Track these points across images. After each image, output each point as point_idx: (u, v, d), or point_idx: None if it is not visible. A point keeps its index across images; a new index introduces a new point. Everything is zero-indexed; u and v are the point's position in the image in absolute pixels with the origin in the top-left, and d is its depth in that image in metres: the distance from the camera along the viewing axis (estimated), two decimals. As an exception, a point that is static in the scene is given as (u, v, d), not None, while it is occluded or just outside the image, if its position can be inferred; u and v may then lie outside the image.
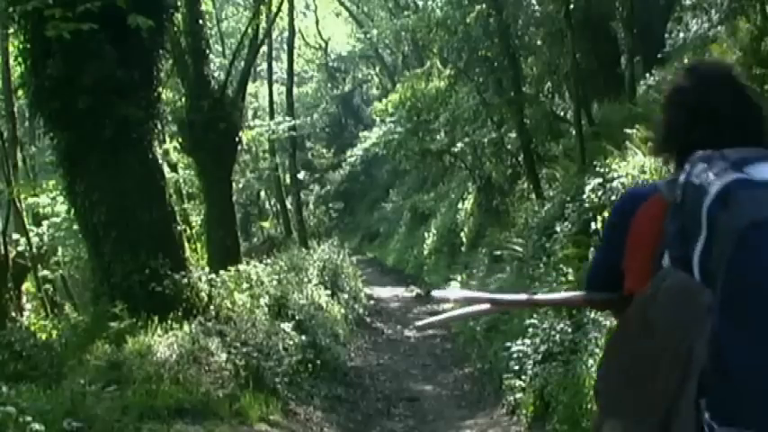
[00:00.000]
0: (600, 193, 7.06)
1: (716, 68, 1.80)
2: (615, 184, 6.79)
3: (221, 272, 8.18)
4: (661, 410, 1.41)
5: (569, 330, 6.03)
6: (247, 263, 9.88)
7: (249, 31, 13.67)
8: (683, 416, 1.35)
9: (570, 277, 6.84)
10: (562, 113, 12.96)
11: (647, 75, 11.35)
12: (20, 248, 10.05)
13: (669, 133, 1.70)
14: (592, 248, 6.72)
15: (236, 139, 12.03)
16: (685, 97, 1.68)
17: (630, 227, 1.66)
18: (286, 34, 22.42)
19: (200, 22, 11.73)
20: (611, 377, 1.59)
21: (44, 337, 6.94)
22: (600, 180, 7.15)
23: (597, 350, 5.10)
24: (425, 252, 18.65)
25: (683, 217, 1.44)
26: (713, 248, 1.34)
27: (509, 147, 13.43)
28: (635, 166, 6.79)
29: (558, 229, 7.94)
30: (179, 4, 8.91)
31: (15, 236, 10.22)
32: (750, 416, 1.27)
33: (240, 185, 19.51)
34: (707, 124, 1.59)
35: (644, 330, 1.47)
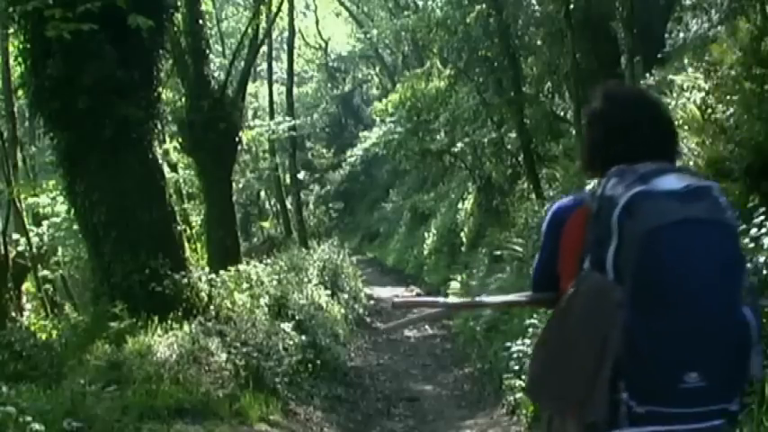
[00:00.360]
0: (600, 193, 7.05)
1: (629, 92, 2.11)
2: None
3: (221, 272, 8.18)
4: (580, 391, 1.63)
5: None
6: (247, 263, 9.89)
7: (249, 31, 13.68)
8: (598, 394, 1.59)
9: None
10: (562, 113, 12.96)
11: (647, 75, 11.34)
12: (20, 248, 10.05)
13: (591, 151, 1.91)
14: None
15: (236, 139, 12.04)
16: (602, 118, 1.91)
17: (562, 235, 1.86)
18: (286, 34, 22.43)
19: (201, 22, 11.73)
20: (540, 365, 1.84)
21: (44, 337, 6.94)
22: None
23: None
24: (425, 252, 18.65)
25: (599, 225, 1.65)
26: (622, 252, 1.59)
27: (509, 147, 13.43)
28: (635, 166, 6.79)
29: (558, 229, 7.93)
30: (179, 4, 8.91)
31: (15, 236, 10.22)
32: (660, 394, 1.57)
33: (240, 185, 19.52)
34: (622, 142, 1.79)
35: (566, 323, 1.71)
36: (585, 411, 1.65)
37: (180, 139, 12.51)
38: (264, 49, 18.36)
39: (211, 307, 7.38)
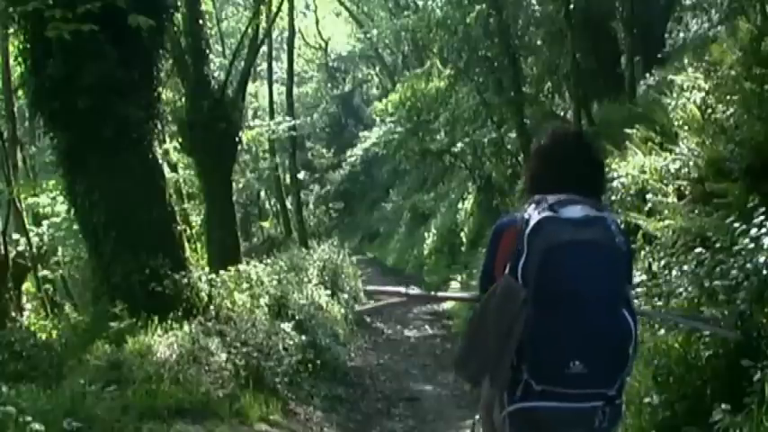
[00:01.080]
0: (600, 193, 7.05)
1: (569, 134, 2.52)
2: (615, 184, 6.78)
3: (221, 272, 8.18)
4: (489, 369, 2.12)
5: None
6: (247, 263, 9.88)
7: (249, 31, 13.67)
8: (501, 372, 2.09)
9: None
10: (562, 113, 12.96)
11: (647, 75, 11.35)
12: (20, 248, 10.05)
13: (531, 180, 2.33)
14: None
15: (236, 139, 12.03)
16: (544, 153, 2.33)
17: (499, 246, 2.30)
18: (286, 34, 22.43)
19: (201, 22, 11.72)
20: (463, 348, 2.30)
21: (44, 337, 6.94)
22: (600, 180, 7.14)
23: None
24: (425, 252, 18.66)
25: (518, 241, 2.10)
26: (528, 263, 2.04)
27: (509, 147, 13.43)
28: (635, 166, 6.78)
29: (558, 229, 7.93)
30: (179, 4, 8.90)
31: (15, 236, 10.22)
32: (552, 376, 2.02)
33: (240, 185, 19.52)
34: (556, 174, 2.21)
35: (485, 316, 2.17)
36: (492, 385, 2.19)
37: (180, 139, 12.50)
38: (264, 49, 18.36)
39: (211, 307, 7.37)
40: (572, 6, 9.81)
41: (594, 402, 2.08)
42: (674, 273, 4.85)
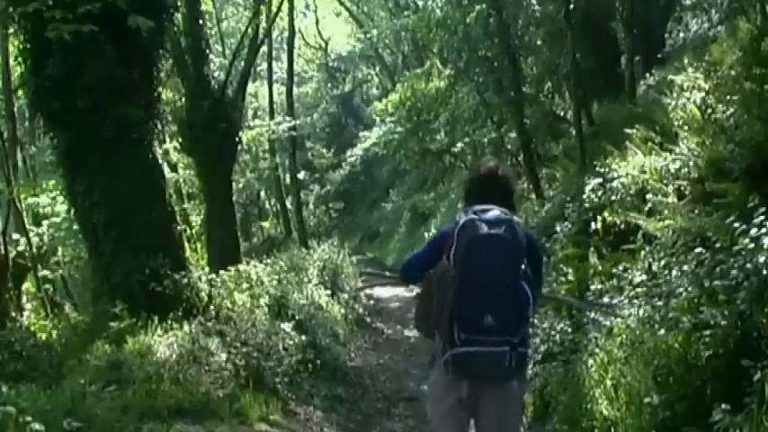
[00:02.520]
0: (600, 193, 7.06)
1: (492, 166, 3.35)
2: (615, 184, 6.78)
3: (221, 272, 8.17)
4: (436, 329, 3.03)
5: (569, 330, 6.04)
6: (247, 263, 9.88)
7: (249, 31, 13.67)
8: (443, 328, 2.97)
9: (570, 277, 6.84)
10: (562, 113, 12.96)
11: (647, 75, 11.34)
12: (20, 248, 10.05)
13: (466, 197, 3.32)
14: (591, 248, 6.73)
15: (236, 139, 12.03)
16: (475, 179, 3.34)
17: (444, 241, 3.10)
18: (286, 34, 22.43)
19: (201, 22, 11.72)
20: (418, 312, 3.28)
21: (44, 337, 6.94)
22: (600, 180, 7.15)
23: (597, 350, 5.10)
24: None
25: (451, 237, 2.99)
26: (457, 250, 2.92)
27: (509, 147, 13.42)
28: (635, 166, 6.78)
29: (558, 229, 7.93)
30: (179, 4, 8.90)
31: (15, 236, 10.22)
32: (473, 328, 2.88)
33: (240, 185, 19.53)
34: (482, 192, 3.19)
35: (429, 289, 3.09)
36: (438, 337, 3.07)
37: (180, 139, 12.50)
38: (264, 49, 18.36)
39: (211, 307, 7.37)
40: (572, 6, 9.79)
41: (503, 347, 2.93)
42: (674, 273, 4.85)
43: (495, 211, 2.99)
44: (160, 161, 8.11)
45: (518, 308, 2.94)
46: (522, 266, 2.96)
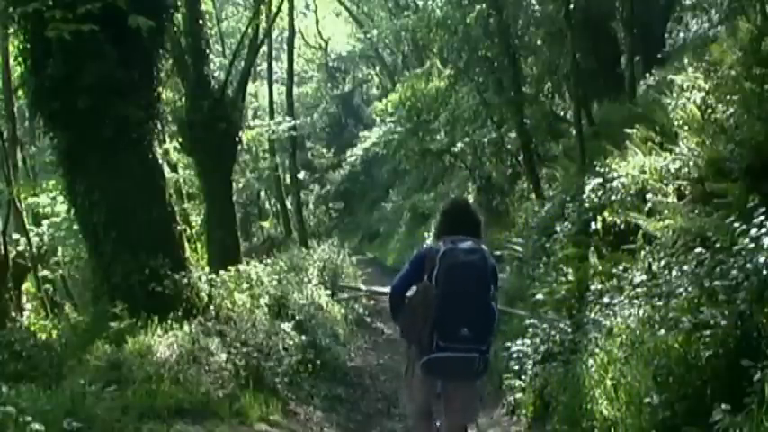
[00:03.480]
0: (600, 193, 7.05)
1: (461, 202, 4.32)
2: (615, 184, 6.78)
3: (221, 272, 8.18)
4: (418, 334, 3.57)
5: (569, 330, 6.03)
6: (247, 263, 9.88)
7: (249, 31, 13.66)
8: (425, 338, 3.53)
9: (570, 277, 6.84)
10: (562, 113, 12.96)
11: (647, 75, 11.34)
12: (20, 248, 10.04)
13: (440, 227, 3.89)
14: (591, 248, 6.72)
15: (236, 139, 12.02)
16: (447, 214, 3.94)
17: (424, 263, 3.67)
18: (286, 34, 22.41)
19: (201, 22, 11.72)
20: (403, 323, 3.75)
21: (44, 337, 6.94)
22: (600, 180, 7.15)
23: (597, 350, 5.10)
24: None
25: (432, 261, 3.57)
26: (439, 273, 3.51)
27: (509, 147, 13.43)
28: (635, 166, 6.78)
29: (558, 229, 7.93)
30: (179, 4, 8.89)
31: (15, 236, 10.22)
32: (451, 337, 3.50)
33: (240, 185, 19.51)
34: (451, 225, 3.78)
35: (414, 303, 3.65)
36: (420, 342, 3.62)
37: (180, 139, 12.50)
38: (264, 49, 18.35)
39: (211, 307, 7.37)
40: (572, 6, 9.79)
41: (474, 353, 3.60)
42: (674, 273, 4.85)
43: (468, 242, 3.65)
44: (160, 161, 8.10)
45: (487, 322, 3.62)
46: (492, 288, 3.64)
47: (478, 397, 3.95)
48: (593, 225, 6.93)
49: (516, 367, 6.41)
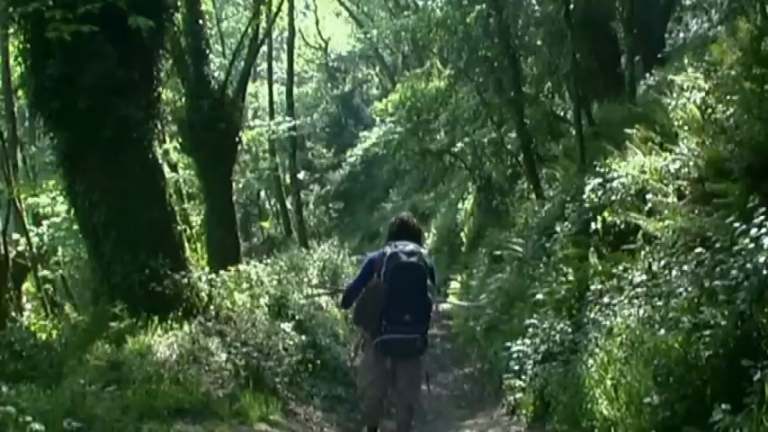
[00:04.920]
0: (600, 193, 7.05)
1: (405, 217, 4.99)
2: (615, 184, 6.78)
3: (221, 272, 8.18)
4: (369, 321, 4.58)
5: (569, 330, 6.04)
6: (247, 263, 9.88)
7: (249, 31, 13.67)
8: (374, 322, 4.55)
9: (570, 277, 6.84)
10: (562, 113, 12.94)
11: (647, 75, 11.33)
12: (20, 248, 10.05)
13: (388, 236, 4.84)
14: (591, 248, 6.72)
15: (236, 139, 12.03)
16: (394, 225, 4.91)
17: (374, 266, 4.62)
18: (286, 34, 22.42)
19: (200, 22, 11.73)
20: (356, 312, 4.73)
21: (44, 337, 6.94)
22: (600, 180, 7.14)
23: (597, 350, 5.10)
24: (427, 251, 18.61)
25: (380, 263, 4.54)
26: (386, 272, 4.49)
27: (509, 147, 13.41)
28: (635, 166, 6.78)
29: (558, 229, 7.93)
30: (179, 4, 8.89)
31: (15, 236, 10.22)
32: (396, 322, 4.47)
33: (240, 185, 19.50)
34: (397, 233, 4.80)
35: (367, 296, 4.58)
36: (370, 328, 4.57)
37: (180, 139, 12.50)
38: (264, 49, 18.36)
39: (211, 307, 7.37)
40: (572, 6, 9.77)
41: (415, 335, 4.49)
42: (674, 273, 4.85)
43: (410, 246, 4.56)
44: (160, 161, 8.10)
45: (424, 310, 4.55)
46: (428, 283, 4.53)
47: (421, 370, 4.78)
48: (593, 225, 6.92)
49: (516, 367, 6.41)
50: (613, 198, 6.76)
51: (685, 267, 4.70)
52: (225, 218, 11.99)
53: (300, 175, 23.33)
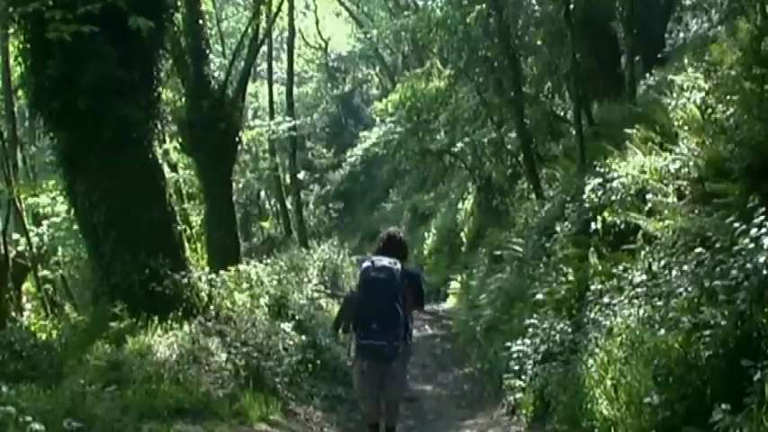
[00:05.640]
0: (600, 193, 7.05)
1: (392, 233, 5.37)
2: (615, 184, 6.78)
3: (221, 272, 8.18)
4: (347, 325, 5.00)
5: (569, 330, 6.03)
6: (247, 263, 9.88)
7: (249, 31, 13.67)
8: (349, 326, 5.00)
9: (570, 277, 6.84)
10: (562, 113, 12.93)
11: (647, 75, 11.33)
12: (20, 248, 10.05)
13: (376, 249, 5.19)
14: (591, 248, 6.72)
15: (236, 139, 12.04)
16: (382, 238, 5.29)
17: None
18: (286, 34, 22.43)
19: (200, 22, 11.73)
20: (340, 320, 5.15)
21: (44, 337, 6.94)
22: (600, 180, 7.14)
23: (597, 350, 5.10)
24: (425, 252, 18.65)
25: (360, 274, 5.00)
26: (361, 282, 4.93)
27: (509, 147, 13.40)
28: (635, 166, 6.78)
29: (558, 229, 7.93)
30: (179, 4, 8.89)
31: (15, 236, 10.22)
32: (366, 330, 4.80)
33: (240, 185, 19.50)
34: (382, 248, 5.14)
35: (346, 303, 5.22)
36: (349, 334, 5.04)
37: (180, 139, 12.51)
38: (264, 49, 18.36)
39: (211, 307, 7.37)
40: (572, 6, 9.77)
41: (383, 342, 4.75)
42: (674, 273, 4.85)
43: (384, 261, 4.86)
44: (160, 161, 8.11)
45: (392, 320, 4.78)
46: (398, 295, 4.80)
47: (400, 371, 5.09)
48: (593, 225, 6.92)
49: (516, 367, 6.41)
50: (613, 198, 6.76)
51: (685, 267, 4.70)
52: (225, 218, 12.00)
53: (300, 175, 23.33)
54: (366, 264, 4.88)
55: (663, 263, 5.18)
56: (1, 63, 10.85)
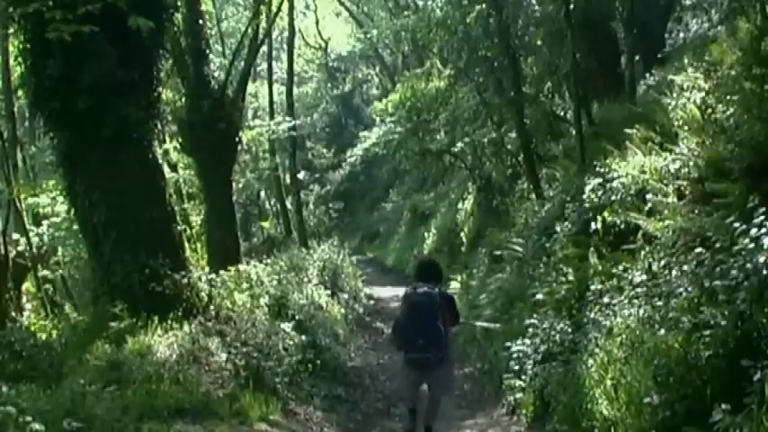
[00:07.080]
0: (600, 193, 7.05)
1: (424, 259, 9.28)
2: (615, 184, 6.78)
3: (221, 272, 8.18)
4: (399, 346, 5.87)
5: (569, 330, 6.04)
6: (247, 263, 9.88)
7: (249, 31, 13.67)
8: (402, 347, 5.77)
9: (570, 277, 6.84)
10: (562, 113, 12.93)
11: (647, 75, 11.33)
12: (20, 248, 10.05)
13: (414, 275, 6.35)
14: (591, 248, 6.73)
15: (236, 139, 12.03)
16: (416, 266, 6.48)
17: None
18: (286, 34, 22.41)
19: (200, 22, 11.72)
20: (391, 340, 6.43)
21: (44, 337, 6.94)
22: (600, 180, 7.14)
23: (597, 350, 5.10)
24: (425, 252, 18.63)
25: (406, 298, 5.78)
26: (403, 308, 5.77)
27: (509, 147, 13.40)
28: (635, 166, 6.78)
29: (558, 229, 7.93)
30: (179, 4, 8.90)
31: (15, 236, 10.22)
32: (411, 344, 5.55)
33: (240, 185, 19.49)
34: (420, 274, 5.96)
35: (395, 327, 5.95)
36: (400, 349, 5.80)
37: (180, 139, 12.50)
38: (264, 49, 18.35)
39: (211, 307, 7.37)
40: (572, 6, 9.77)
41: (428, 355, 5.43)
42: (674, 273, 4.85)
43: (423, 288, 5.61)
44: (160, 161, 8.10)
45: (435, 337, 5.44)
46: (438, 314, 5.48)
47: (445, 378, 5.88)
48: (593, 225, 6.93)
49: (516, 367, 6.41)
50: (613, 198, 6.76)
51: (685, 267, 4.70)
52: (225, 218, 12.00)
53: (300, 175, 23.32)
54: (410, 290, 5.71)
55: (663, 263, 5.18)
56: (1, 63, 10.85)
